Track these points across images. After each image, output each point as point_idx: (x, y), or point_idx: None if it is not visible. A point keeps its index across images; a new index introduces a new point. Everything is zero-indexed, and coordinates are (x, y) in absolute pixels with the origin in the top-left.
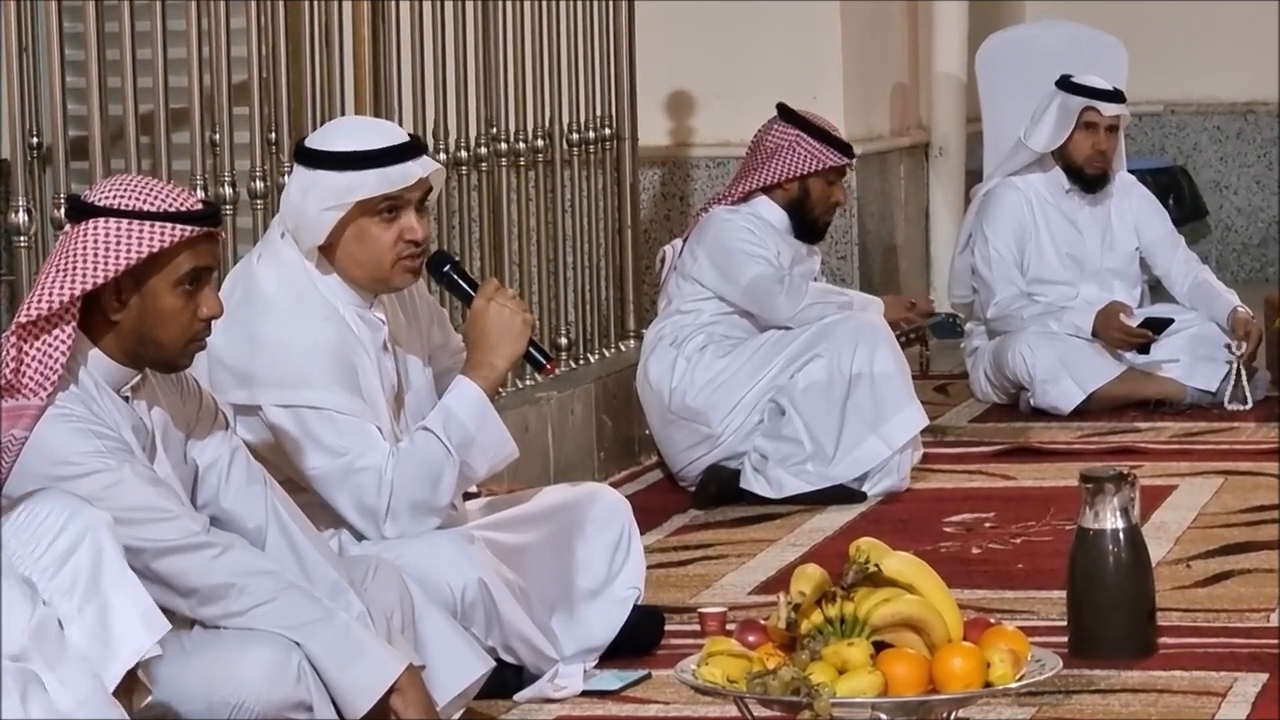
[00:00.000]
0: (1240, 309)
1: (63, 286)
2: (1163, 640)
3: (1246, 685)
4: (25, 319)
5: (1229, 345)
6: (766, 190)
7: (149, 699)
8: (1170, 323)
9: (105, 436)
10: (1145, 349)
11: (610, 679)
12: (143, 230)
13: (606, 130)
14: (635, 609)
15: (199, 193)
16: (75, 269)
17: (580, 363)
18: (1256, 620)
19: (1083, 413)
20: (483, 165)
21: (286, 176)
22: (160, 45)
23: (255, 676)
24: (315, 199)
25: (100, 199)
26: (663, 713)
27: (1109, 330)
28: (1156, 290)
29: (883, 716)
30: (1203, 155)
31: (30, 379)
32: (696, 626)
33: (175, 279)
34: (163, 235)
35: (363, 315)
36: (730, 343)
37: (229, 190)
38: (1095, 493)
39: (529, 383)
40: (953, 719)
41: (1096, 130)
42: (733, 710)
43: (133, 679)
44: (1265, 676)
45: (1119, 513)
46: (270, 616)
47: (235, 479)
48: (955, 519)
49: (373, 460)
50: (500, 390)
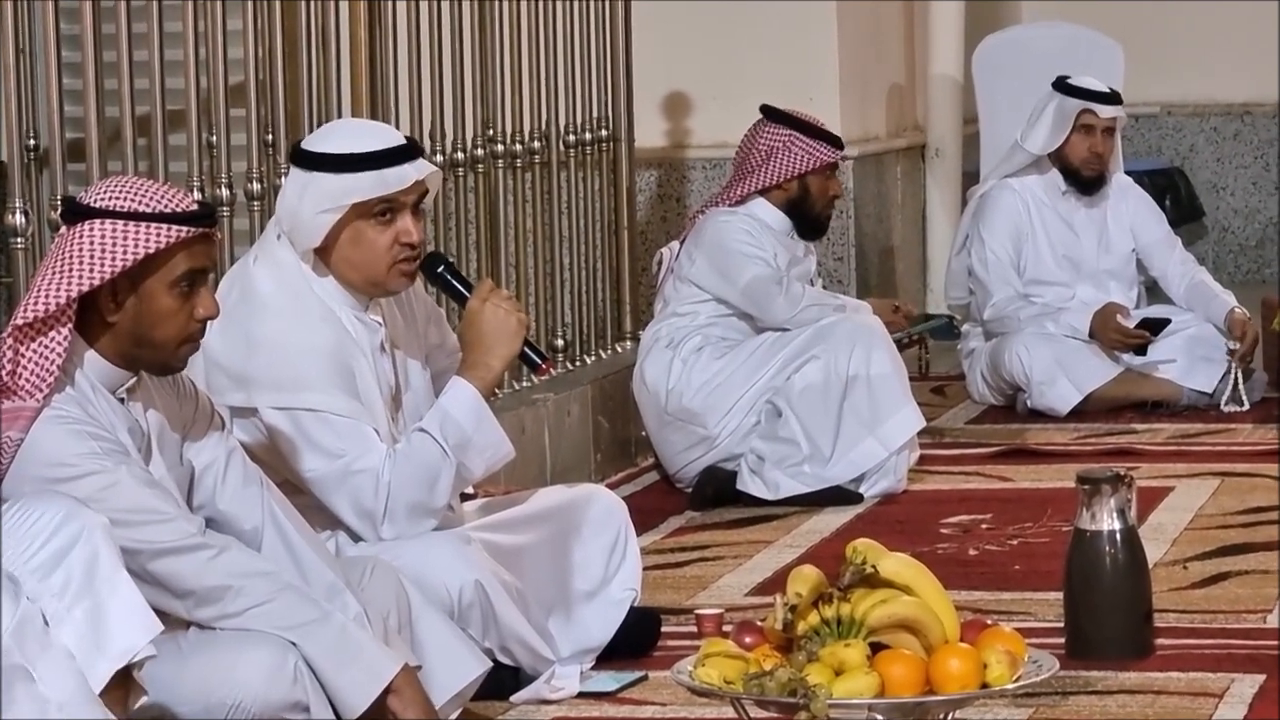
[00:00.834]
0: (1237, 310)
1: (59, 288)
2: (1159, 641)
3: (1243, 686)
4: (21, 321)
5: (1230, 348)
6: (763, 192)
7: (144, 700)
8: (1167, 323)
9: (101, 438)
10: (1142, 350)
11: (607, 680)
12: (138, 232)
13: (603, 132)
14: (632, 610)
15: (195, 194)
16: (71, 271)
17: (577, 364)
18: (1253, 621)
19: (1079, 414)
20: (479, 167)
21: (283, 178)
22: (157, 47)
23: (252, 677)
24: (311, 201)
25: (96, 201)
26: (659, 714)
27: (1106, 331)
28: (1153, 291)
29: (879, 718)
30: (1199, 156)
31: (26, 381)
32: (693, 628)
33: (171, 280)
34: (158, 236)
35: (359, 317)
36: (727, 344)
37: (225, 192)
38: (1092, 494)
39: (525, 384)
40: None
41: (1093, 133)
42: (729, 711)
43: (128, 680)
44: (1262, 677)
45: (1116, 514)
46: (266, 618)
47: (231, 480)
48: (952, 520)
49: (370, 462)
50: (497, 392)
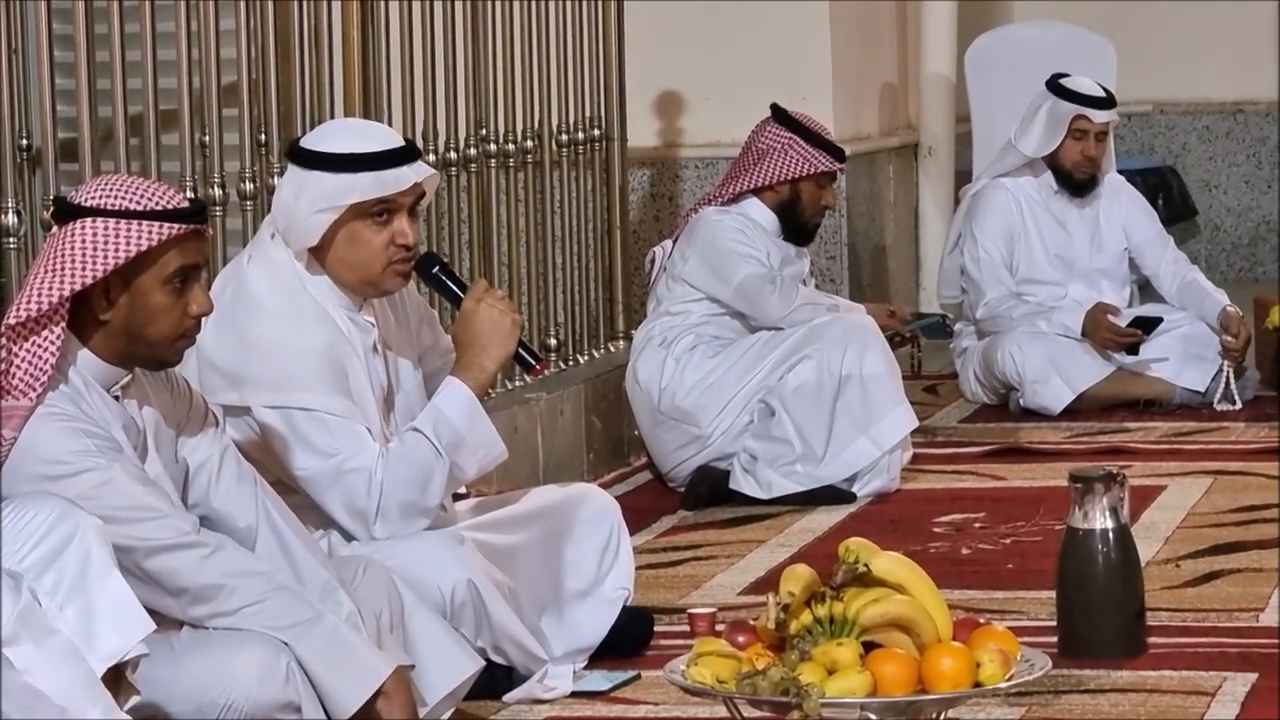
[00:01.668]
0: (1230, 308)
1: (52, 287)
2: (1152, 640)
3: (1236, 685)
4: (14, 320)
5: (1223, 347)
6: (756, 192)
7: (136, 699)
8: (1159, 322)
9: (95, 435)
10: (1134, 349)
11: (599, 680)
12: (130, 229)
13: (595, 131)
14: (625, 610)
15: (188, 194)
16: (64, 270)
17: (569, 364)
18: (1245, 620)
19: (1072, 413)
20: (472, 166)
21: (276, 178)
22: (149, 47)
23: (245, 677)
24: (308, 200)
25: (86, 199)
26: (652, 713)
27: (1098, 330)
28: (1146, 290)
29: (872, 717)
30: (1192, 155)
31: (20, 380)
32: (686, 627)
33: (164, 277)
34: (150, 234)
35: (352, 317)
36: (720, 343)
37: (218, 192)
38: (1085, 493)
39: (518, 384)
40: (942, 719)
41: (1086, 137)
42: (722, 711)
43: (120, 679)
44: (1254, 676)
45: (1108, 513)
46: (259, 617)
47: (226, 479)
48: (945, 519)
49: (363, 461)
50: (490, 391)
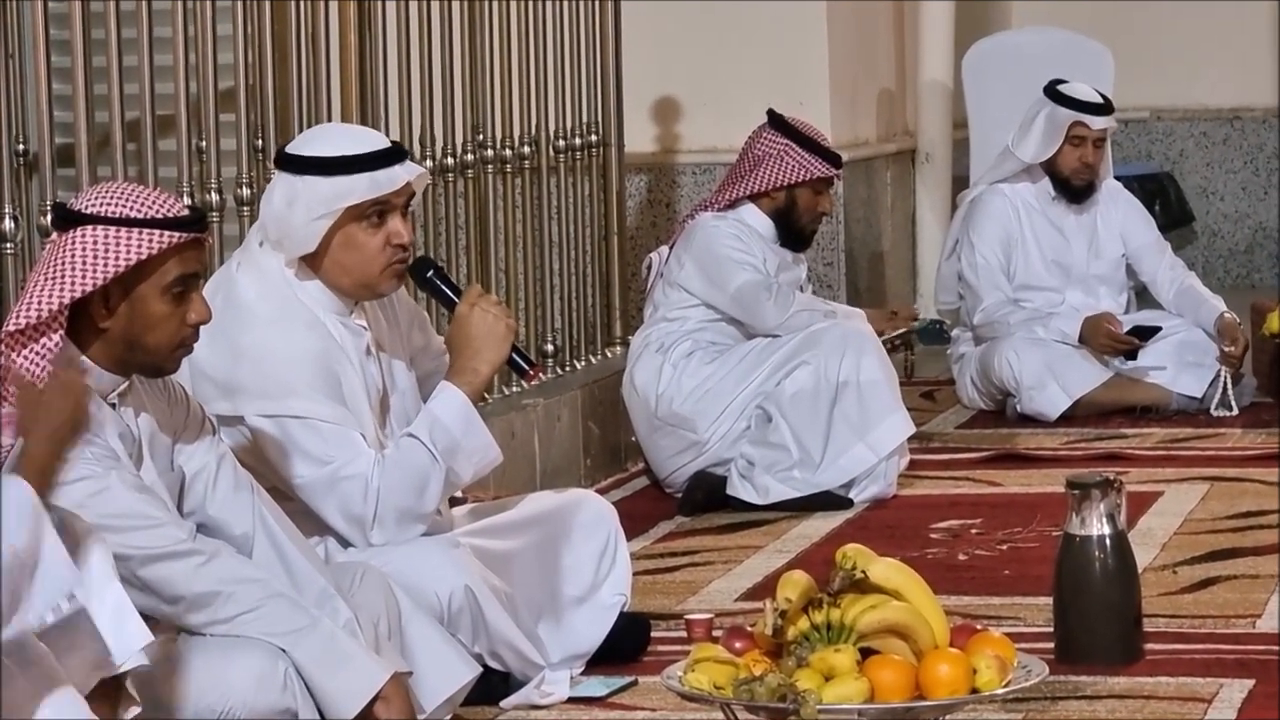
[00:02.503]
0: (1227, 315)
1: (51, 295)
2: (1149, 646)
3: (1232, 691)
4: (13, 328)
5: (1220, 353)
6: (753, 198)
7: (136, 710)
8: (1157, 331)
9: (92, 443)
10: (1132, 355)
11: (596, 685)
12: (130, 237)
13: (593, 137)
14: (621, 615)
15: (185, 200)
16: (63, 277)
17: (566, 369)
18: (1242, 626)
19: (1069, 419)
20: (469, 172)
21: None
22: (146, 52)
23: (242, 684)
24: (304, 208)
25: (87, 207)
26: (649, 719)
27: (1096, 337)
28: (1143, 296)
29: None
30: (1189, 161)
31: None
32: (683, 633)
33: (163, 285)
34: (150, 242)
35: (344, 322)
36: (717, 349)
37: (215, 197)
38: (1082, 499)
39: (515, 389)
40: None
41: (1084, 144)
42: (719, 717)
43: (119, 689)
44: (1251, 682)
45: (1105, 519)
46: (256, 624)
47: (222, 486)
48: (942, 525)
49: (358, 468)
50: (486, 397)
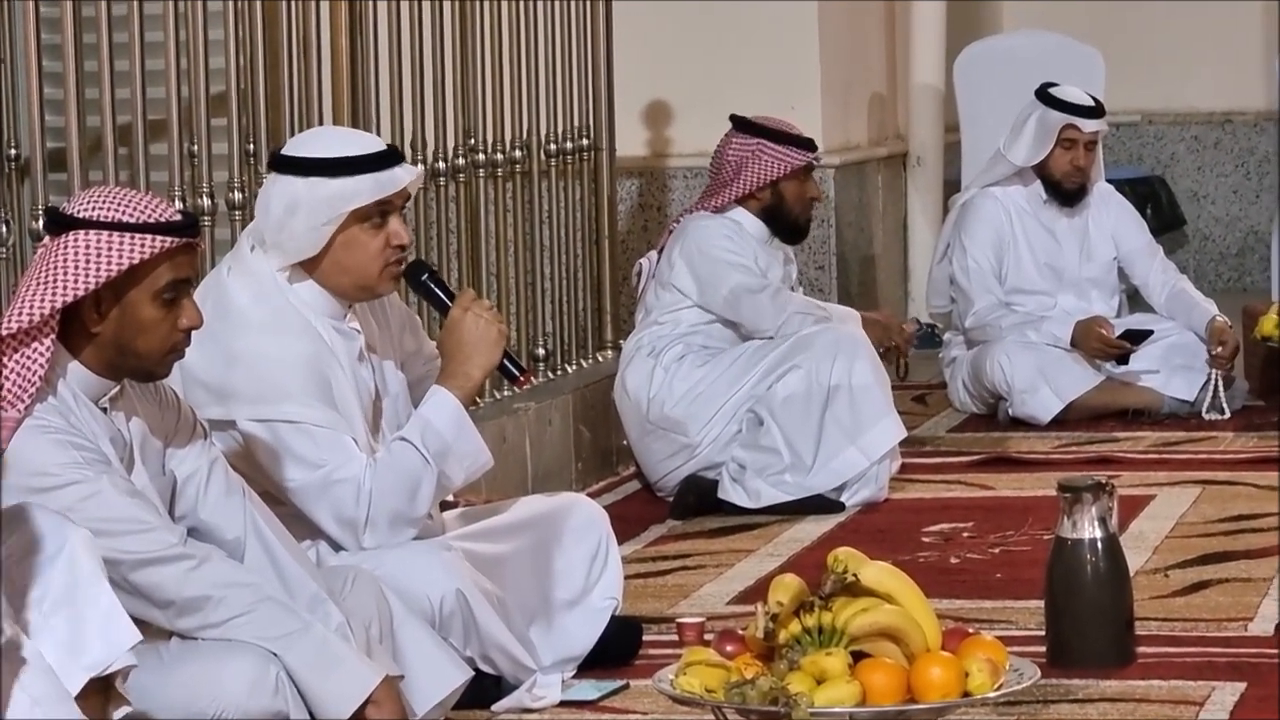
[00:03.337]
0: (1218, 318)
1: (43, 299)
2: (1140, 650)
3: (1224, 695)
4: (5, 332)
5: (1211, 356)
6: (740, 201)
7: (126, 710)
8: (1150, 334)
9: (83, 448)
10: (1124, 359)
11: (588, 689)
12: (122, 242)
13: (584, 141)
14: (613, 619)
15: (177, 204)
16: (55, 281)
17: (558, 373)
18: (1234, 630)
19: (1061, 422)
20: (460, 176)
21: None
22: (138, 57)
23: (234, 688)
24: (308, 211)
25: (79, 211)
26: None
27: (1088, 340)
28: (1135, 300)
29: None
30: (1180, 165)
31: (9, 391)
32: (674, 636)
33: (155, 290)
34: (142, 247)
35: (337, 326)
36: (709, 353)
37: (207, 201)
38: (1073, 502)
39: (507, 393)
40: None
41: (1075, 147)
42: None
43: (109, 690)
44: (1243, 685)
45: (1097, 522)
46: (248, 628)
47: (214, 490)
48: (933, 529)
49: (351, 471)
50: (478, 400)
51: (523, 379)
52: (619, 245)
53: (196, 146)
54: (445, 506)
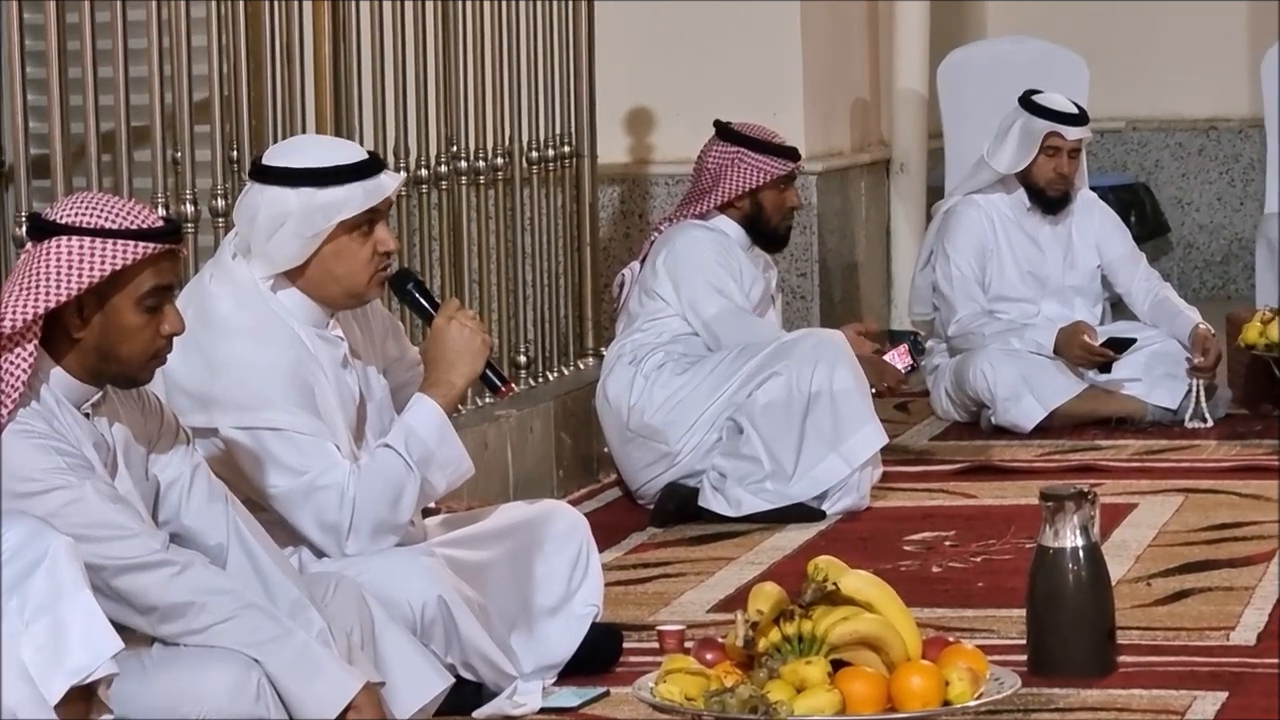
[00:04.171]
0: (1201, 326)
1: (25, 305)
2: (1122, 659)
3: (1206, 704)
4: None
5: (1193, 364)
6: (721, 208)
7: (108, 718)
8: (1133, 342)
9: (66, 453)
10: (1107, 367)
11: (569, 696)
12: (105, 248)
13: (566, 148)
14: (594, 626)
15: (160, 210)
16: (38, 287)
17: (539, 380)
18: (1216, 639)
19: (1044, 430)
20: (443, 183)
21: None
22: (122, 63)
23: (216, 694)
24: (296, 224)
25: (62, 217)
26: None
27: (1071, 348)
28: (1118, 307)
29: None
30: (1164, 172)
31: None
32: (655, 644)
33: (138, 296)
34: (125, 253)
35: (320, 333)
36: (689, 360)
37: (190, 208)
38: (1056, 511)
39: (488, 401)
40: None
41: (1059, 154)
42: None
43: (92, 697)
44: (1225, 695)
45: (1079, 531)
46: (229, 634)
47: (197, 496)
48: (915, 537)
49: (334, 478)
50: (461, 408)
51: (504, 390)
52: (601, 252)
53: (180, 153)
54: (427, 513)
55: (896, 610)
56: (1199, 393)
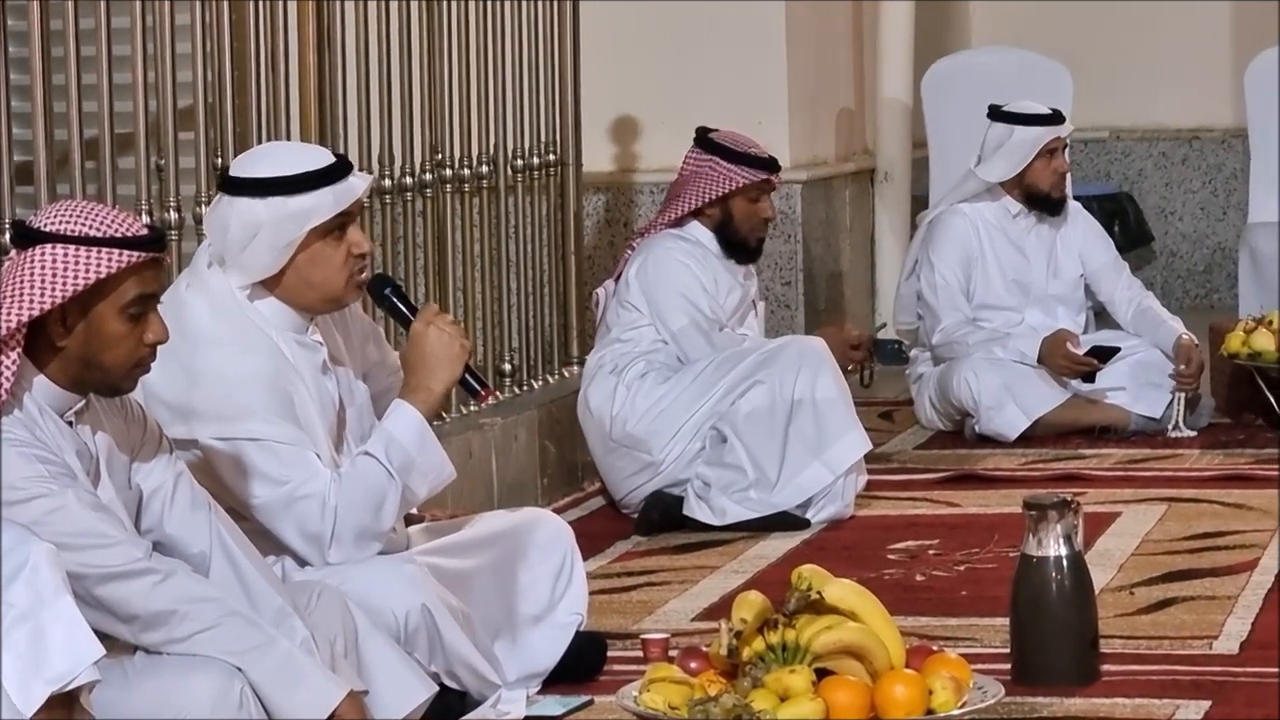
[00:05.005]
0: (1184, 336)
1: (9, 313)
2: (1105, 668)
3: (1188, 712)
4: None
5: (1175, 374)
6: (696, 214)
7: None
8: (1117, 351)
9: (49, 461)
10: (1090, 376)
11: (553, 705)
12: (89, 256)
13: (550, 156)
14: (578, 635)
15: (144, 218)
16: (21, 295)
17: (524, 389)
18: (1199, 647)
19: (1027, 439)
20: (427, 191)
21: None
22: (106, 70)
23: (199, 702)
24: (269, 234)
25: (46, 225)
26: None
27: (1055, 358)
28: (1102, 316)
29: None
30: (1148, 181)
31: None
32: (639, 653)
33: (121, 305)
34: (109, 261)
35: (300, 340)
36: (671, 370)
37: (174, 215)
38: (1039, 520)
39: (473, 409)
40: None
41: (1055, 155)
42: None
43: (74, 706)
44: (1208, 704)
45: (1062, 540)
46: (212, 643)
47: (179, 504)
48: (899, 546)
49: (315, 487)
50: (444, 416)
51: (484, 394)
52: (585, 261)
53: (164, 160)
54: (410, 521)
55: (880, 619)
56: (1179, 403)
